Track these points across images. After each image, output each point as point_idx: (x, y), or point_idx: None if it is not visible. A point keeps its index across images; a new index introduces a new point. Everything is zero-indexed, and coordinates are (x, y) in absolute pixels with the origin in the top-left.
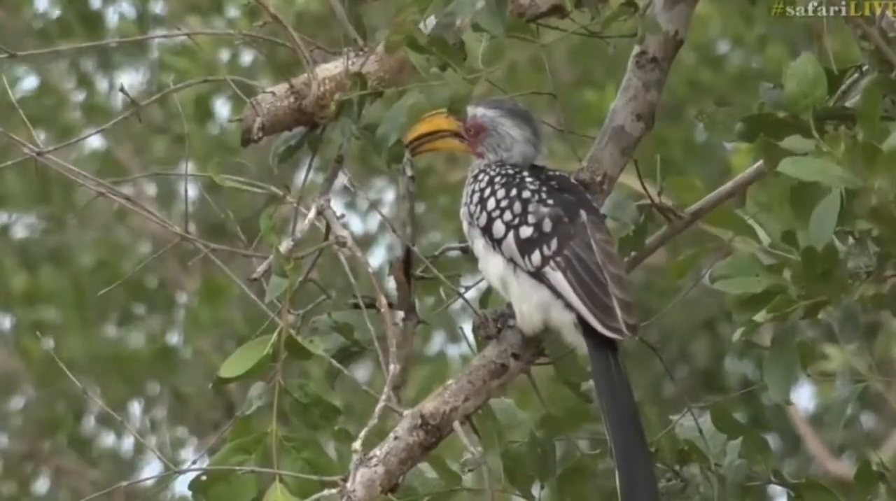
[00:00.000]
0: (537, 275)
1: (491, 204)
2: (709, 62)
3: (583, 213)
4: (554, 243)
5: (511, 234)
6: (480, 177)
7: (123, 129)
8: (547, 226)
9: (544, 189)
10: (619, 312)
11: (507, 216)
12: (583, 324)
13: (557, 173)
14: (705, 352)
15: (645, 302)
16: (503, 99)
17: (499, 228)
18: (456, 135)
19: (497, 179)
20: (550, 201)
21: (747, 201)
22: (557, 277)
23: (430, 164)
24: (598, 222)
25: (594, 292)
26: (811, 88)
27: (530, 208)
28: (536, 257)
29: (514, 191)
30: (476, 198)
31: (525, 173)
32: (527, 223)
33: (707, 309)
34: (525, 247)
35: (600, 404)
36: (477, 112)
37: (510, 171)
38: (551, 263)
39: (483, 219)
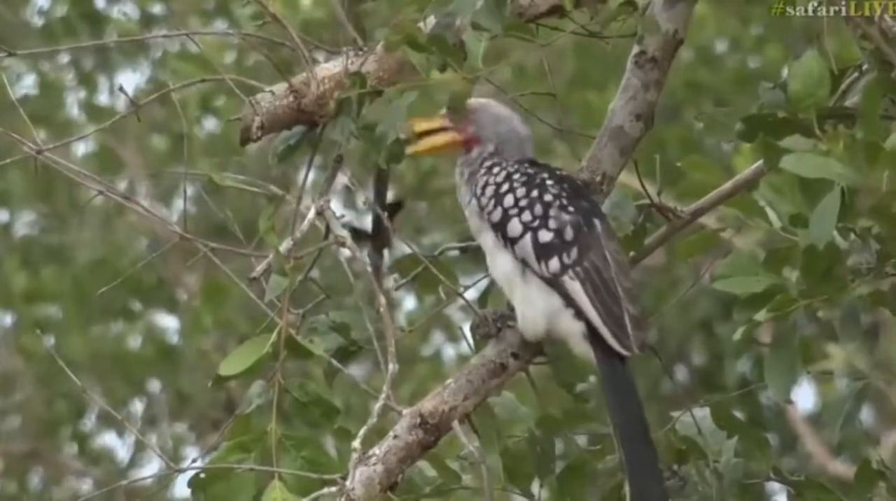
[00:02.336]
0: (552, 282)
1: (508, 200)
2: (707, 62)
3: (597, 223)
4: (574, 252)
5: (529, 236)
6: (495, 170)
7: (125, 128)
8: (569, 234)
9: (564, 194)
10: (630, 329)
11: (527, 216)
12: (591, 334)
13: (565, 173)
14: (702, 352)
15: (642, 302)
16: (493, 97)
17: (515, 227)
18: (445, 129)
19: (516, 177)
20: (571, 208)
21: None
22: (576, 287)
23: (433, 167)
24: (609, 230)
25: (611, 308)
26: (815, 87)
27: (552, 213)
28: (555, 264)
29: (535, 192)
30: (490, 191)
31: (545, 174)
32: (547, 227)
33: (704, 309)
34: (543, 251)
35: (610, 413)
36: (468, 102)
37: (530, 170)
38: (570, 272)
39: (497, 215)
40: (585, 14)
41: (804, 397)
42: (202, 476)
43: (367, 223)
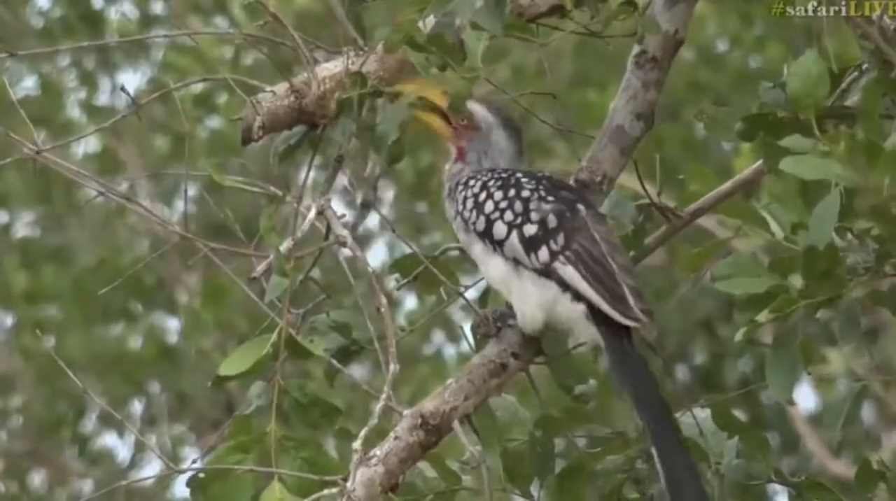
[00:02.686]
0: (546, 272)
1: (489, 206)
2: (707, 62)
3: (581, 208)
4: (561, 238)
5: (514, 234)
6: (471, 182)
7: (124, 128)
8: (552, 221)
9: (541, 187)
10: (631, 300)
11: (509, 216)
12: (594, 315)
13: (547, 173)
14: (703, 352)
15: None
16: (502, 104)
17: (500, 229)
18: (443, 115)
19: (491, 183)
20: (550, 198)
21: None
22: (569, 271)
23: (431, 164)
24: (596, 215)
25: (606, 283)
26: (814, 87)
27: (532, 206)
28: (544, 253)
29: (512, 192)
30: (470, 203)
31: (518, 174)
32: (530, 221)
33: (704, 309)
34: (530, 244)
35: (625, 391)
36: (475, 109)
37: (503, 175)
38: (561, 258)
39: (481, 223)
40: (586, 13)
41: (805, 397)
42: (201, 476)
43: None
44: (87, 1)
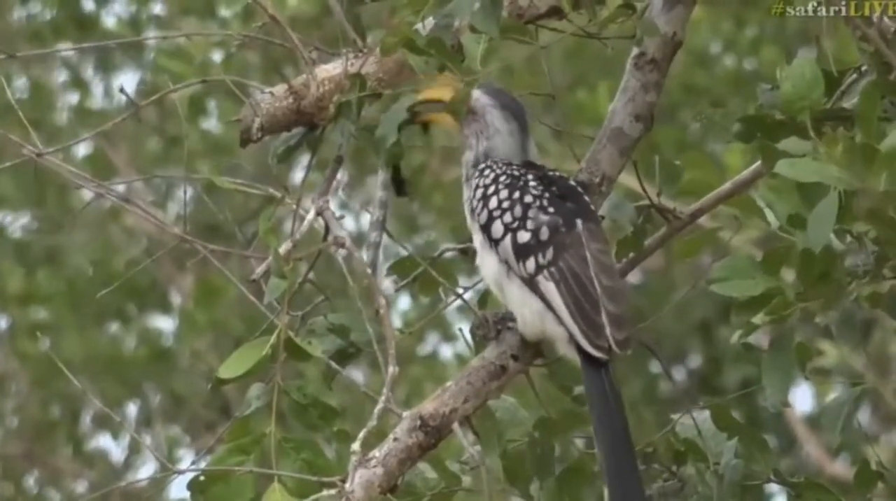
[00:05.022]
0: (530, 283)
1: (493, 202)
2: (702, 64)
3: (579, 223)
4: (549, 252)
5: (509, 237)
6: (486, 172)
7: (117, 130)
8: (544, 234)
9: (546, 195)
10: (608, 329)
11: (507, 218)
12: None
13: (558, 174)
14: (700, 354)
15: (641, 304)
16: (502, 90)
17: (497, 229)
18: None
19: (502, 178)
20: (551, 209)
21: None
22: (550, 288)
23: (423, 163)
24: (595, 230)
25: (584, 308)
26: (808, 90)
27: (530, 214)
28: (531, 264)
29: (516, 194)
30: (479, 193)
31: (530, 176)
32: (525, 228)
33: (702, 311)
34: (521, 252)
35: (592, 418)
36: (474, 93)
37: (516, 173)
38: (545, 273)
39: (484, 217)
40: (584, 15)
41: (802, 398)
42: (201, 478)
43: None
44: (77, 3)
